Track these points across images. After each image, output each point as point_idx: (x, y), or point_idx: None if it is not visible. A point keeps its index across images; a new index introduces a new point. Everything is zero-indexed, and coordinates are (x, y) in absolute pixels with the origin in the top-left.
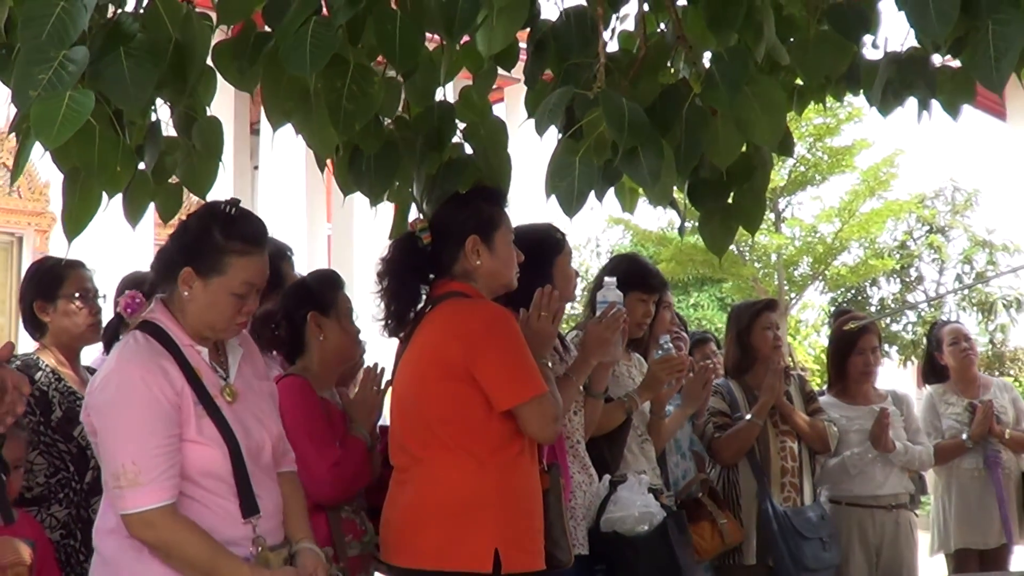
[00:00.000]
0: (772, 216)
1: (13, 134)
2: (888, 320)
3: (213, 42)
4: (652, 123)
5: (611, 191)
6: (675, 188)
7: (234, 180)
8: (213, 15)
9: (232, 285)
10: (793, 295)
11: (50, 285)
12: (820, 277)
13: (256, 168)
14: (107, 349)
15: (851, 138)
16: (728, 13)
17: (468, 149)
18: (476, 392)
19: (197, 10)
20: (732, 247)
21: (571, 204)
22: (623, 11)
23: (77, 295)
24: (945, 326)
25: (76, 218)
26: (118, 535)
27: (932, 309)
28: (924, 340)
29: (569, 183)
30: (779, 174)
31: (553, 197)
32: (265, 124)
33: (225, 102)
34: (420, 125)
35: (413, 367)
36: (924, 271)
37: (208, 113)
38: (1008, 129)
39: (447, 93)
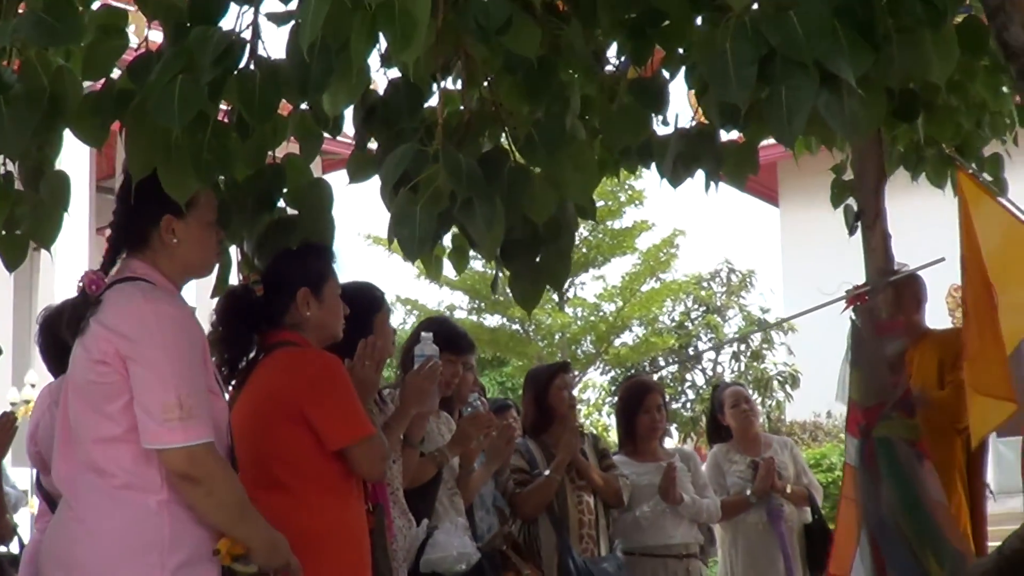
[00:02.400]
0: (555, 296)
1: None
2: (668, 398)
3: None
4: None
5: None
6: None
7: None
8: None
9: (207, 215)
10: (576, 373)
11: None
12: (603, 355)
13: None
14: (73, 331)
15: (632, 220)
16: (542, 85)
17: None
18: (309, 433)
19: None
20: (516, 327)
21: (413, 250)
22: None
23: None
24: (727, 388)
25: None
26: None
27: (709, 388)
28: (703, 415)
29: (411, 230)
30: None
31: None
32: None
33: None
34: (251, 186)
35: (248, 410)
36: (701, 349)
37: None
38: (780, 214)
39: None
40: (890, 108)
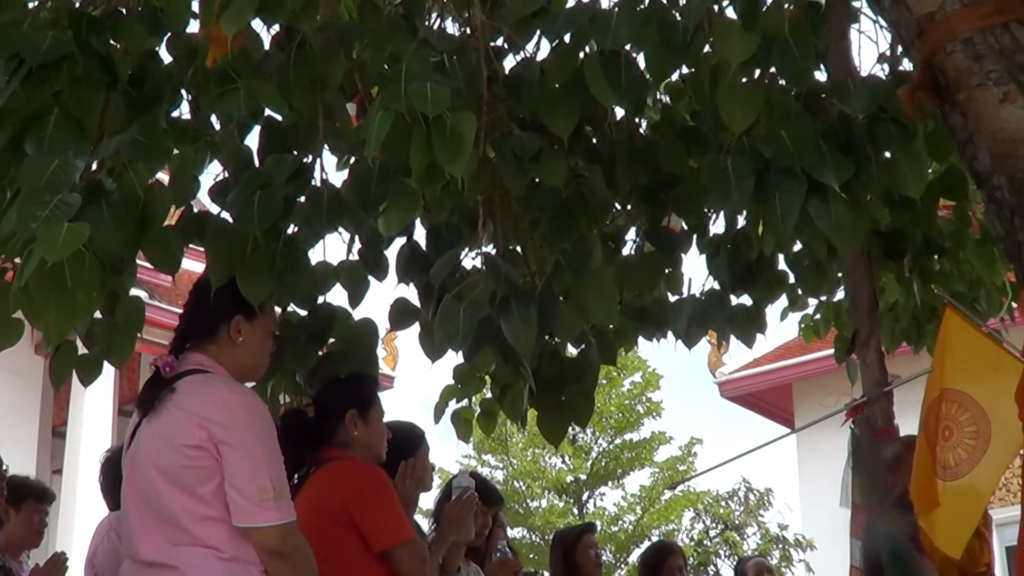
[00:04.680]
0: (576, 509)
1: None
2: None
3: None
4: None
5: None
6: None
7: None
8: None
9: (270, 325)
10: None
11: None
12: (623, 565)
13: (57, 472)
14: (144, 408)
15: (650, 431)
16: (568, 223)
17: None
18: (356, 536)
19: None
20: (536, 538)
21: (457, 342)
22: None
23: None
24: (749, 560)
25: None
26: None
27: None
28: None
29: (455, 327)
30: (584, 465)
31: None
32: (71, 426)
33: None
34: (303, 326)
35: (303, 516)
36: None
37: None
38: (796, 435)
39: None
40: (881, 249)
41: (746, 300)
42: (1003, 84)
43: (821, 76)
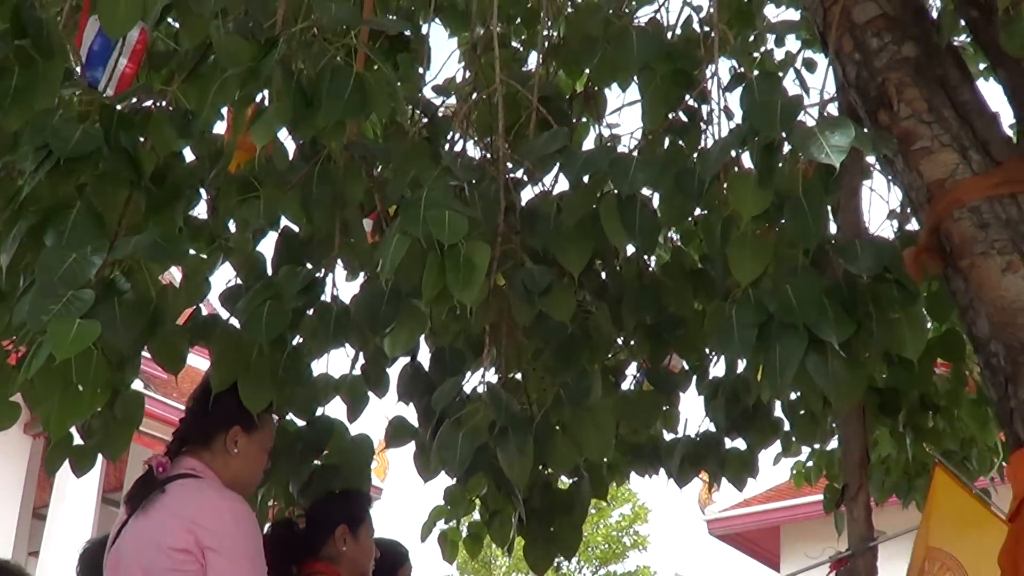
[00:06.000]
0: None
1: None
2: None
3: None
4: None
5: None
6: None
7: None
8: None
9: (267, 441)
10: None
11: None
12: None
13: (34, 554)
14: (132, 505)
15: (635, 564)
16: (571, 356)
17: None
18: None
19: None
20: None
21: (455, 468)
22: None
23: None
24: None
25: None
26: None
27: None
28: None
29: (453, 453)
30: None
31: None
32: (53, 509)
33: (12, 487)
34: (300, 436)
35: None
36: None
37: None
38: None
39: None
40: (877, 404)
41: (740, 444)
42: (1007, 253)
43: (832, 226)
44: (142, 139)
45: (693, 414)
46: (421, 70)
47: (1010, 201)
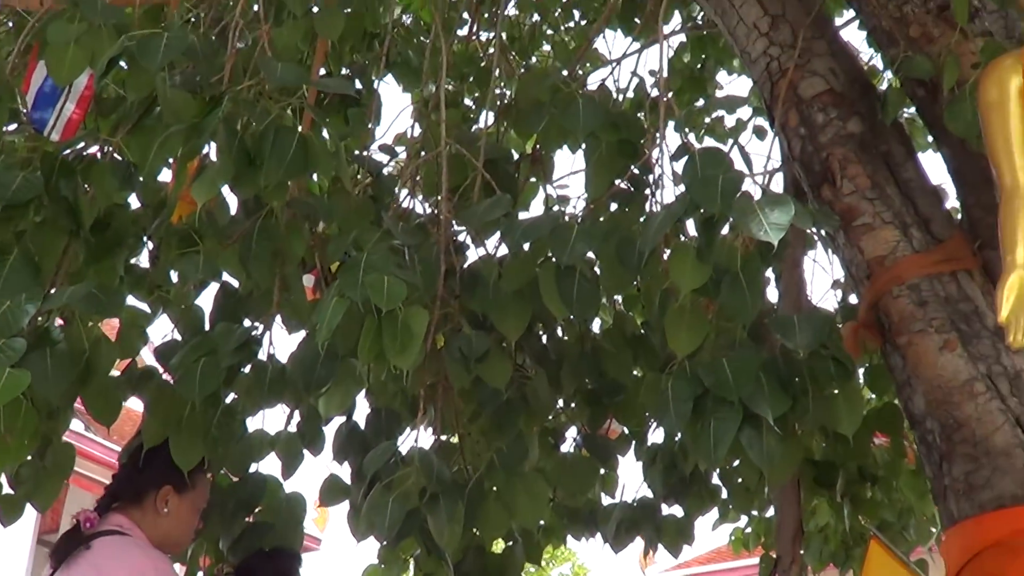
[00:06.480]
0: None
1: None
2: None
3: None
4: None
5: None
6: None
7: None
8: None
9: (199, 501)
10: None
11: None
12: None
13: None
14: (57, 559)
15: None
16: (507, 422)
17: None
18: None
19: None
20: None
21: (385, 532)
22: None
23: None
24: None
25: None
26: None
27: None
28: None
29: (382, 518)
30: None
31: None
32: None
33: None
34: (232, 492)
35: None
36: None
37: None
38: None
39: None
40: (813, 476)
41: (677, 510)
42: (944, 332)
43: (772, 296)
44: (85, 187)
45: (632, 478)
46: (371, 125)
47: (949, 279)
